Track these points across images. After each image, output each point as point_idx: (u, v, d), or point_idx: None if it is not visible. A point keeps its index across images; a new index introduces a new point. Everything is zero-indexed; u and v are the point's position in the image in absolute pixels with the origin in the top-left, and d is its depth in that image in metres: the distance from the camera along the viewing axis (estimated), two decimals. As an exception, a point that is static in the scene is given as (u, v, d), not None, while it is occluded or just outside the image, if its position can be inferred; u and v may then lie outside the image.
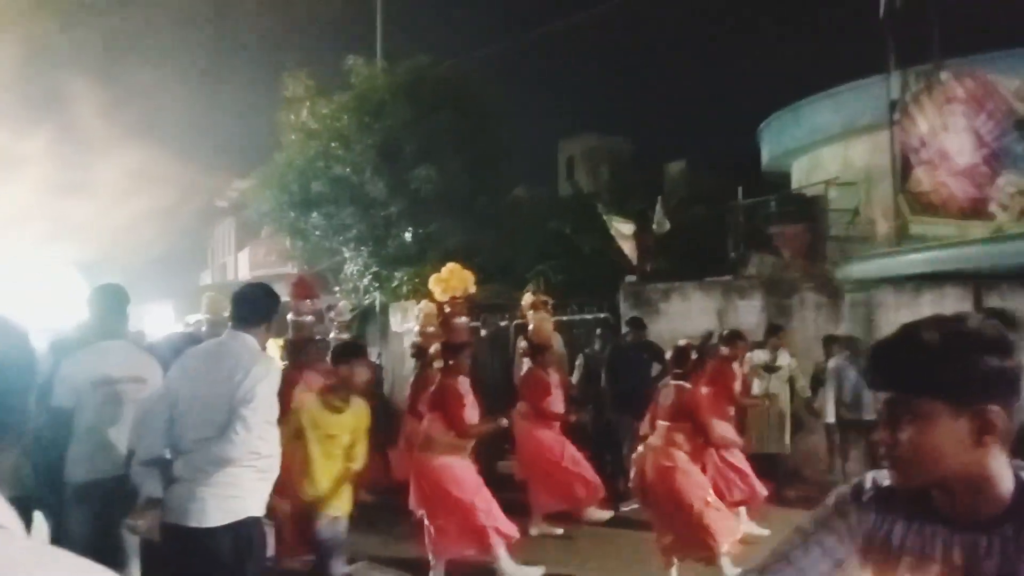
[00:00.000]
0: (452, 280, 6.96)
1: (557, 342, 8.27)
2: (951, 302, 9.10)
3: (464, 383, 5.13)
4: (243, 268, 24.51)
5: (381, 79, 14.10)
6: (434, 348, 5.59)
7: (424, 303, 7.94)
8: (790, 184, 16.50)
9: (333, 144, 13.79)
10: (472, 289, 7.23)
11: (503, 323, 10.59)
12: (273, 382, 3.21)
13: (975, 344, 1.21)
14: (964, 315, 1.29)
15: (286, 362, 5.87)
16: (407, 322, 12.69)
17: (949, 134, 9.59)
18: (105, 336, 3.86)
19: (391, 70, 14.39)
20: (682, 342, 5.43)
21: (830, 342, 7.79)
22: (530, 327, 7.29)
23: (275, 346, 10.06)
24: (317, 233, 14.41)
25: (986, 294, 9.19)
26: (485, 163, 14.14)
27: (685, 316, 9.08)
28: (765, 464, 7.35)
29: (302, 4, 15.16)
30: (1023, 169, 9.61)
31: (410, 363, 10.43)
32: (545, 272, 16.69)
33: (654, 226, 10.78)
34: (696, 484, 4.74)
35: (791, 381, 7.67)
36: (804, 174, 15.85)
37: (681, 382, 4.96)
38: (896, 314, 8.40)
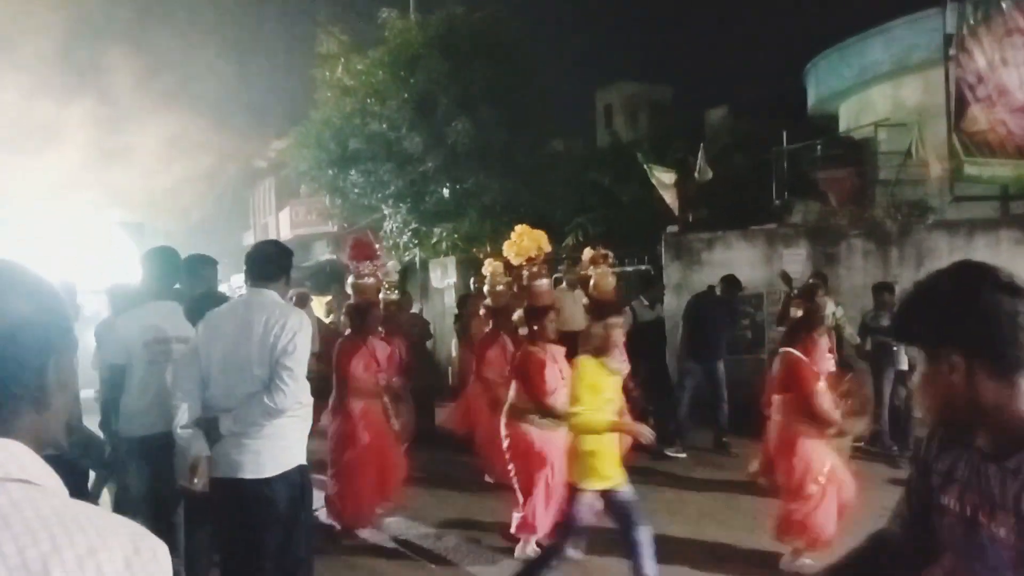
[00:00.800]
0: (524, 241, 6.73)
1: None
2: (1006, 247, 8.76)
3: (550, 350, 4.76)
4: (284, 227, 24.77)
5: (415, 32, 13.89)
6: (517, 315, 5.29)
7: (490, 261, 7.79)
8: (837, 127, 15.96)
9: (369, 100, 13.71)
10: (547, 248, 6.98)
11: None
12: (308, 332, 3.27)
13: (984, 290, 1.28)
14: (964, 263, 1.38)
15: (348, 328, 5.81)
16: (447, 278, 12.73)
17: (1009, 68, 9.09)
18: (157, 297, 3.96)
19: (425, 22, 14.16)
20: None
21: (880, 289, 7.58)
22: (591, 282, 6.98)
23: (320, 304, 10.17)
24: (356, 191, 14.44)
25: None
26: (522, 115, 13.92)
27: (728, 266, 8.90)
28: None
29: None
30: (1088, 103, 9.10)
31: (450, 319, 10.51)
32: (584, 224, 16.57)
33: (696, 175, 10.54)
34: (808, 464, 4.38)
35: (838, 329, 7.52)
36: (853, 116, 15.29)
37: (788, 348, 4.56)
38: (949, 260, 8.12)
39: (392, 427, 5.52)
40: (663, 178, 10.60)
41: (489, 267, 7.64)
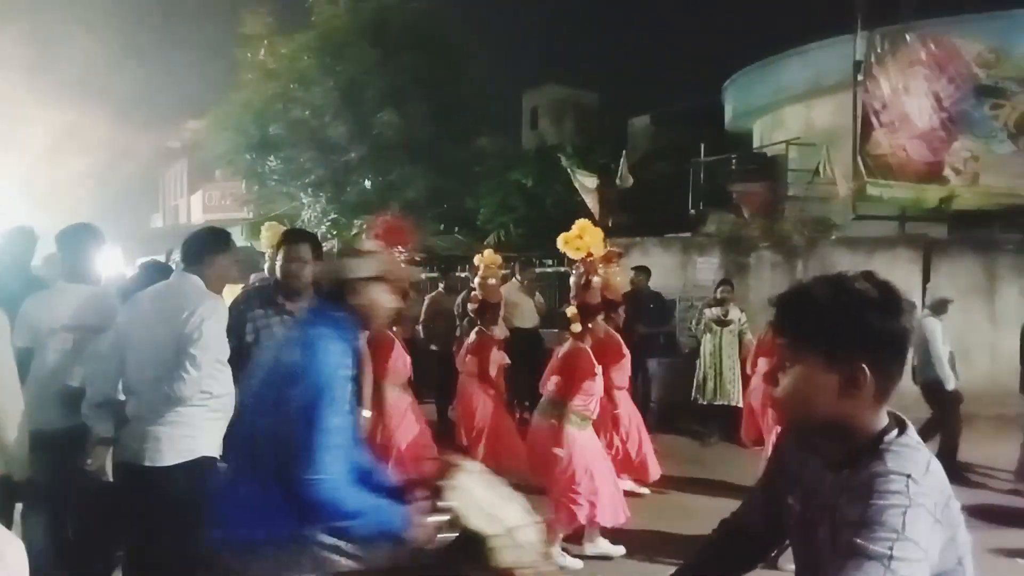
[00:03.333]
0: (585, 237, 6.47)
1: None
2: (902, 264, 9.34)
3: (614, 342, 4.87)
4: (196, 211, 23.89)
5: (344, 18, 13.64)
6: (570, 311, 5.10)
7: (487, 253, 7.53)
8: (752, 143, 16.60)
9: (293, 85, 13.39)
10: (603, 249, 6.73)
11: (463, 274, 10.54)
12: (221, 321, 3.19)
13: (856, 303, 1.28)
14: (858, 275, 1.34)
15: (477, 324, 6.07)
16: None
17: (910, 97, 9.70)
18: (72, 278, 3.70)
19: (355, 8, 13.92)
20: None
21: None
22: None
23: (231, 294, 9.81)
24: (274, 177, 14.08)
25: (936, 257, 9.46)
26: (450, 110, 13.88)
27: (645, 271, 9.13)
28: (720, 414, 7.85)
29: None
30: (978, 134, 9.80)
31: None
32: (506, 224, 16.65)
33: (617, 180, 10.77)
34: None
35: (740, 335, 7.90)
36: (767, 133, 15.94)
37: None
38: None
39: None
40: (586, 182, 10.78)
41: (483, 259, 7.37)
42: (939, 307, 7.29)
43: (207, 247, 3.34)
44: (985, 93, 9.77)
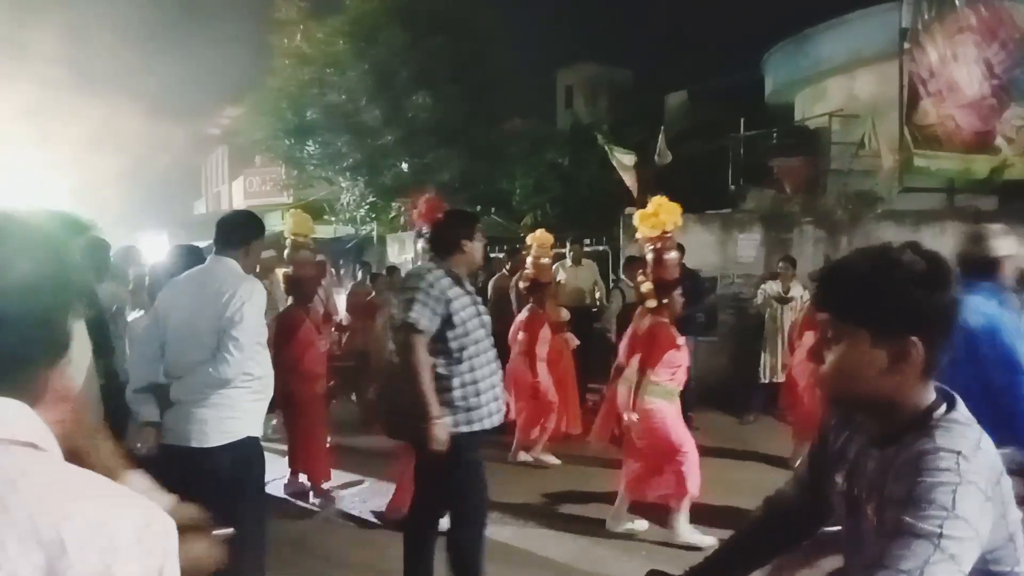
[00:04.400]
0: (662, 214, 6.38)
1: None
2: (950, 238, 9.05)
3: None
4: (237, 197, 24.23)
5: (376, 2, 13.65)
6: (646, 287, 5.14)
7: (539, 232, 7.32)
8: (793, 117, 16.22)
9: (328, 70, 13.46)
10: (680, 223, 6.66)
11: (501, 255, 10.54)
12: (260, 303, 3.22)
13: (902, 277, 1.24)
14: (903, 247, 1.30)
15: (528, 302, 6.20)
16: (405, 253, 12.63)
17: (959, 65, 9.36)
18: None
19: (386, -8, 13.93)
20: None
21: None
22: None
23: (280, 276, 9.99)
24: (313, 162, 14.21)
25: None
26: (482, 92, 13.84)
27: (685, 249, 9.01)
28: (761, 391, 7.83)
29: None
30: (1032, 102, 9.43)
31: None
32: (543, 204, 16.58)
33: (655, 157, 10.62)
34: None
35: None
36: (808, 106, 15.54)
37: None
38: (896, 248, 8.36)
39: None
40: (623, 160, 10.65)
41: (536, 238, 7.21)
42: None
43: (241, 231, 3.39)
44: (1039, 58, 9.39)
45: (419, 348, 3.28)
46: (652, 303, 4.90)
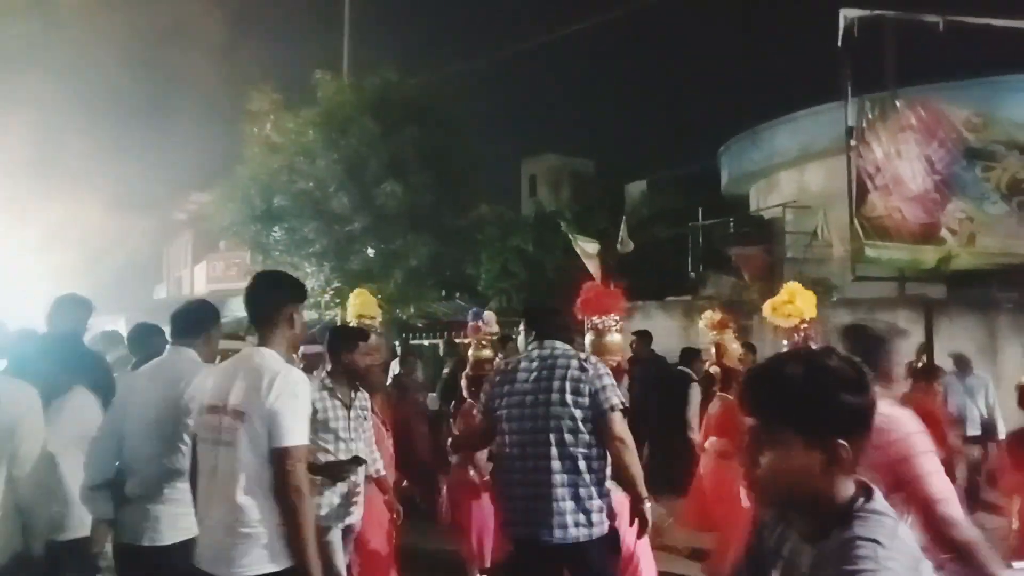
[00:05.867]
0: (796, 302, 6.01)
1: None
2: (904, 325, 9.35)
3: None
4: (199, 282, 24.04)
5: (348, 95, 14.03)
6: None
7: (713, 312, 6.90)
8: (748, 206, 16.85)
9: (298, 158, 13.66)
10: (813, 313, 6.17)
11: (467, 340, 10.55)
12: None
13: (833, 382, 1.33)
14: (827, 351, 1.42)
15: None
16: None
17: (903, 161, 9.88)
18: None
19: (358, 86, 14.34)
20: None
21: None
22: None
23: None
24: (279, 248, 14.22)
25: (937, 316, 9.48)
26: (450, 180, 14.14)
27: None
28: None
29: (268, 18, 15.04)
30: (971, 196, 9.94)
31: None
32: (508, 291, 16.77)
33: (618, 245, 10.89)
34: None
35: None
36: (762, 197, 16.19)
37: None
38: (852, 335, 8.59)
39: None
40: (587, 248, 10.86)
41: (710, 319, 6.79)
42: (963, 362, 7.46)
43: (201, 321, 3.38)
44: (975, 156, 9.96)
45: None
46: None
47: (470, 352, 6.95)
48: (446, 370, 8.79)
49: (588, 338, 5.86)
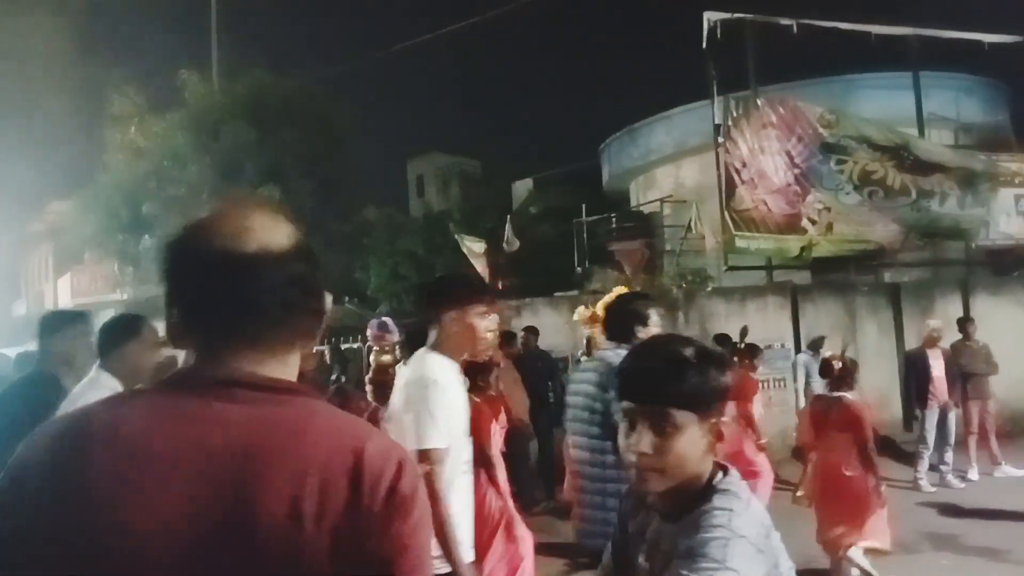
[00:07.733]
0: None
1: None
2: (772, 310, 9.96)
3: None
4: (64, 295, 22.40)
5: (218, 96, 13.45)
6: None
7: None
8: (629, 202, 17.42)
9: (166, 163, 12.97)
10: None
11: (355, 345, 10.37)
12: None
13: (714, 362, 1.43)
14: (684, 338, 1.53)
15: None
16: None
17: (766, 156, 10.50)
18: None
19: (229, 88, 13.77)
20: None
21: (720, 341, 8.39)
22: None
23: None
24: (150, 257, 13.47)
25: (802, 301, 10.13)
26: (333, 184, 13.83)
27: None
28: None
29: (129, 17, 14.21)
30: (828, 187, 10.69)
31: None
32: (398, 294, 16.58)
33: (504, 244, 11.00)
34: None
35: None
36: (641, 192, 16.79)
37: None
38: (727, 322, 9.06)
39: None
40: (473, 247, 10.96)
41: (582, 314, 6.80)
42: (817, 344, 8.15)
43: (114, 337, 2.89)
44: (830, 150, 10.72)
45: None
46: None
47: (371, 357, 6.85)
48: (333, 376, 8.61)
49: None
